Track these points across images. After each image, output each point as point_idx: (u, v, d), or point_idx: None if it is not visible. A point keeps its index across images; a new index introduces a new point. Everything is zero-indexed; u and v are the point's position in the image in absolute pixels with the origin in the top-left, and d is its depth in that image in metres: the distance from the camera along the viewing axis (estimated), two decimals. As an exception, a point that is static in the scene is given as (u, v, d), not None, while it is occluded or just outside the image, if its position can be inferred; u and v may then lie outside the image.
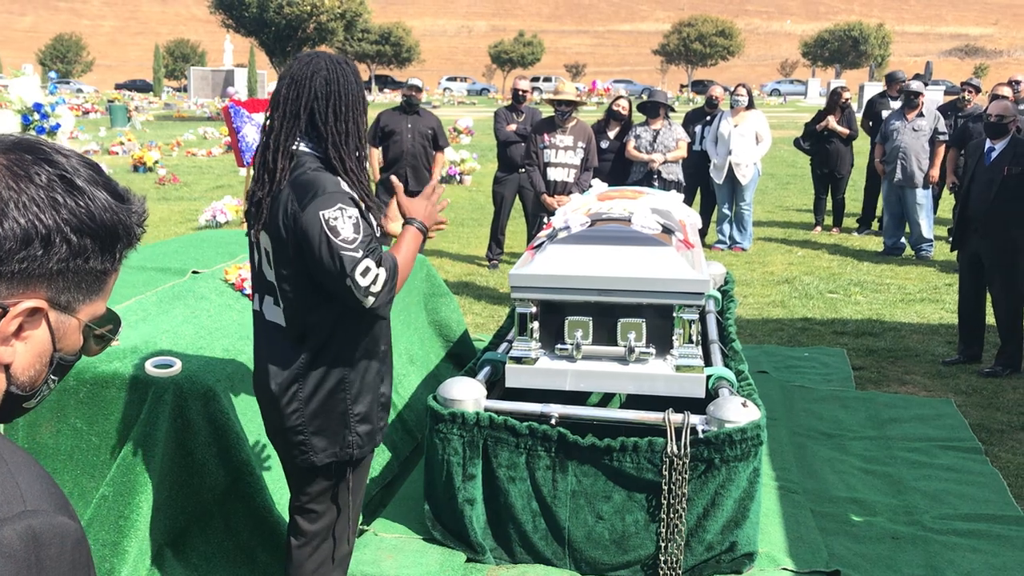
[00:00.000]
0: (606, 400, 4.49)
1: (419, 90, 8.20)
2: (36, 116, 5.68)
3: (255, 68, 47.25)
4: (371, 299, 2.33)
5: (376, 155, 8.06)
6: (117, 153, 19.89)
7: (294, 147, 2.37)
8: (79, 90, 56.81)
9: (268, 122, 2.42)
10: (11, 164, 0.90)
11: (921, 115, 9.21)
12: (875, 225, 10.62)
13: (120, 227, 0.95)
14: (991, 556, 3.51)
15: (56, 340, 0.95)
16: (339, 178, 2.37)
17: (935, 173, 8.99)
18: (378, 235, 2.49)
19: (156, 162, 17.01)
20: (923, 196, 9.21)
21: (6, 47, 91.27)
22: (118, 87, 67.19)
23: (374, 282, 2.32)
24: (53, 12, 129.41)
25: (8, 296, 0.89)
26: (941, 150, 8.99)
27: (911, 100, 9.25)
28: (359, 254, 2.29)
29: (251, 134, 6.04)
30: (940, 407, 5.12)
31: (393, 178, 2.84)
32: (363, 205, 2.40)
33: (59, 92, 5.86)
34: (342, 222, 2.29)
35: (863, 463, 4.38)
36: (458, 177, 15.74)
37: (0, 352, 0.90)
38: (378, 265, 2.33)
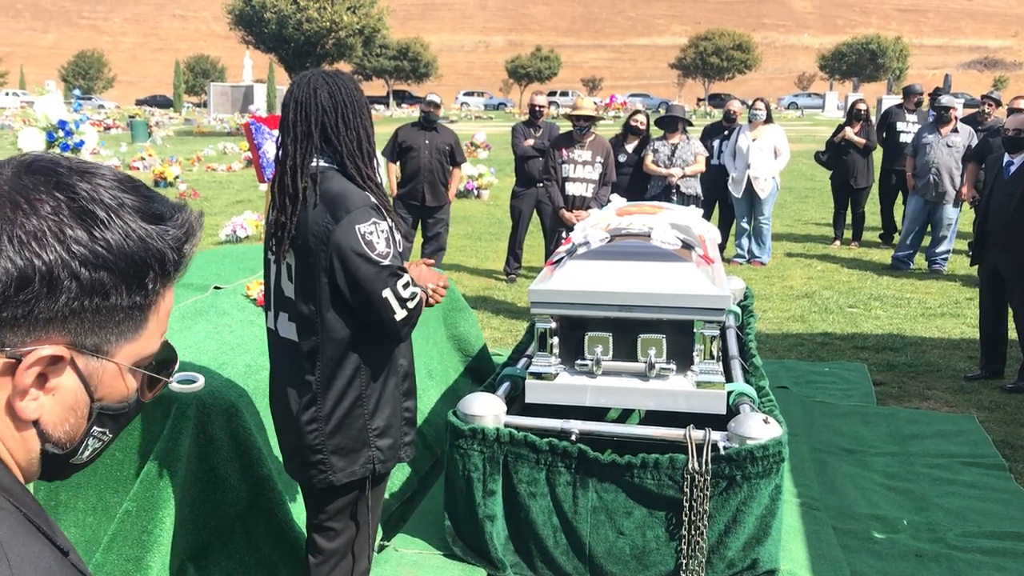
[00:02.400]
0: (625, 415, 4.48)
1: (437, 106, 8.24)
2: (61, 133, 5.76)
3: (274, 84, 47.63)
4: (404, 313, 2.36)
5: (394, 170, 8.10)
6: (138, 168, 20.07)
7: (312, 166, 2.40)
8: (100, 106, 57.43)
9: (281, 150, 2.45)
10: (13, 192, 0.80)
11: (955, 131, 9.11)
12: (896, 238, 10.57)
13: (150, 255, 0.83)
14: (1016, 575, 3.48)
15: (92, 389, 0.85)
16: (366, 192, 2.40)
17: (966, 191, 8.78)
18: (401, 250, 2.51)
19: (176, 177, 17.15)
20: (952, 212, 9.12)
21: (29, 63, 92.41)
22: (139, 103, 67.87)
23: (412, 297, 2.38)
24: (75, 29, 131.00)
25: (19, 344, 0.79)
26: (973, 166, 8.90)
27: (943, 115, 9.16)
28: (394, 266, 2.35)
29: (272, 150, 6.09)
30: (962, 423, 5.08)
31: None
32: (389, 220, 2.43)
33: (83, 109, 5.92)
34: (376, 236, 2.34)
35: (885, 479, 4.35)
36: (476, 191, 15.79)
37: (22, 407, 0.81)
38: (414, 283, 2.41)
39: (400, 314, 2.36)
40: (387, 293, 2.33)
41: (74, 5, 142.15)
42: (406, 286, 2.37)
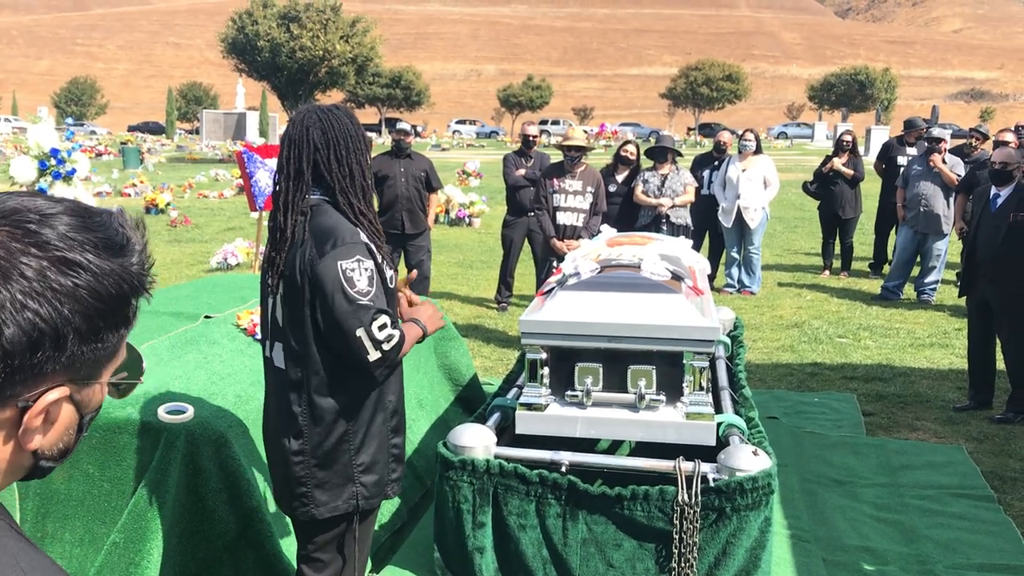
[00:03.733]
0: (615, 446, 4.48)
1: (407, 134, 8.24)
2: (53, 162, 5.76)
3: (267, 111, 47.81)
4: (378, 354, 2.33)
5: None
6: (130, 195, 20.08)
7: (304, 203, 2.41)
8: (93, 132, 57.49)
9: (276, 187, 2.47)
10: None
11: (944, 162, 9.21)
12: (886, 269, 10.63)
13: (127, 288, 0.88)
14: (1006, 607, 3.47)
15: (82, 409, 0.92)
16: (358, 228, 2.41)
17: (958, 225, 8.77)
18: (392, 286, 2.52)
19: (168, 204, 17.17)
20: (942, 243, 9.19)
21: (23, 89, 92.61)
22: (131, 129, 68.03)
23: (388, 340, 2.34)
24: (69, 56, 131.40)
25: (27, 393, 0.85)
26: (961, 198, 8.96)
27: (933, 147, 9.25)
28: (373, 306, 2.33)
29: (264, 179, 6.12)
30: (952, 454, 5.10)
31: (405, 292, 2.76)
32: (379, 258, 2.44)
33: (75, 137, 5.96)
34: (358, 274, 2.33)
35: (875, 511, 4.35)
36: (467, 219, 15.84)
37: (28, 444, 0.87)
38: (393, 326, 2.37)
39: (373, 355, 2.33)
40: (360, 332, 2.31)
41: (68, 32, 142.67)
42: (382, 327, 2.33)
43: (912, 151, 10.38)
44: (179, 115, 65.48)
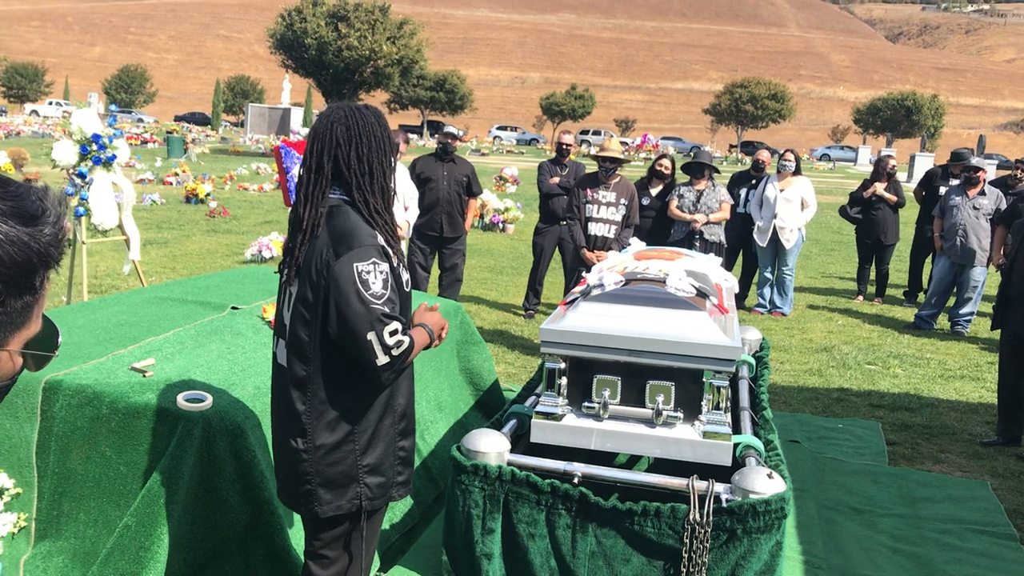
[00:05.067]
0: (633, 460, 4.45)
1: (455, 138, 8.29)
2: (94, 147, 5.86)
3: (311, 107, 48.28)
4: (387, 359, 2.33)
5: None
6: (171, 184, 20.37)
7: (324, 199, 2.43)
8: (140, 120, 58.40)
9: (299, 178, 2.50)
10: None
11: (983, 193, 9.07)
12: (921, 297, 10.47)
13: (34, 256, 0.88)
14: (1020, 649, 3.41)
15: None
16: (375, 231, 2.42)
17: (997, 255, 8.64)
18: (407, 288, 2.53)
19: (208, 194, 17.38)
20: (980, 274, 9.05)
21: (75, 75, 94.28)
22: (177, 119, 68.97)
23: (397, 345, 2.34)
24: (121, 44, 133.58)
25: None
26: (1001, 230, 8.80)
27: (971, 178, 9.12)
28: (387, 309, 2.33)
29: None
30: (975, 489, 5.01)
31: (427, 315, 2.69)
32: (395, 260, 2.44)
33: (118, 124, 6.03)
34: (373, 276, 2.33)
35: (892, 542, 4.29)
36: (501, 225, 15.86)
37: None
38: (404, 331, 2.37)
39: (382, 359, 2.33)
40: (372, 336, 2.31)
41: (122, 21, 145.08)
42: (393, 333, 2.33)
43: (955, 182, 10.24)
44: (225, 107, 66.33)
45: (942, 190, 10.22)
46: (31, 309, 0.91)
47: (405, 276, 2.52)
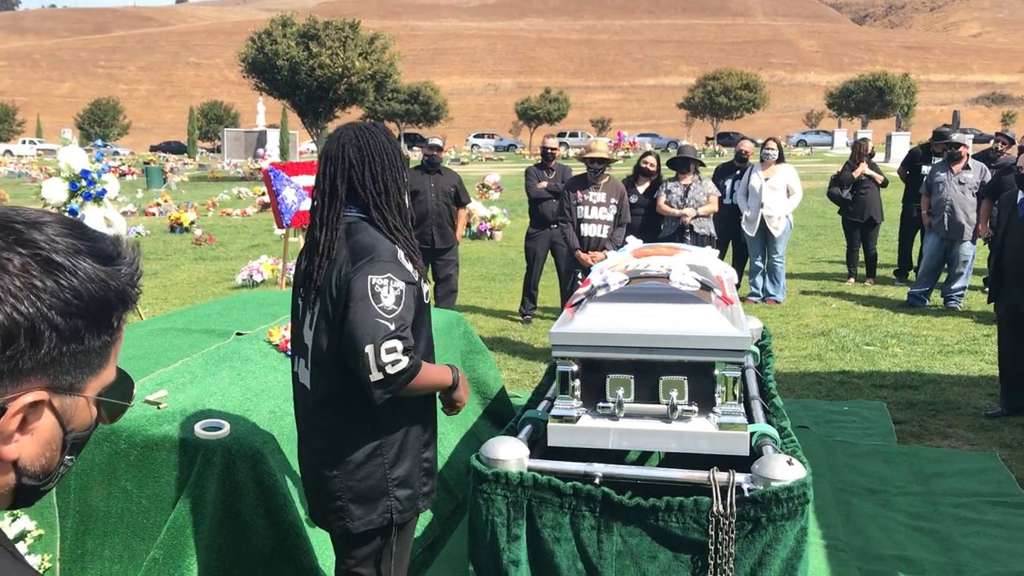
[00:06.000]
0: (644, 457, 4.47)
1: (440, 149, 8.34)
2: (83, 183, 5.84)
3: (287, 129, 48.16)
4: (379, 376, 2.27)
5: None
6: (154, 214, 20.29)
7: (340, 221, 2.44)
8: (115, 152, 58.13)
9: (313, 201, 2.51)
10: None
11: (967, 167, 9.16)
12: (912, 276, 10.55)
13: (112, 295, 0.88)
14: (1047, 616, 3.44)
15: (65, 423, 0.89)
16: (397, 248, 2.43)
17: (982, 228, 8.76)
18: (427, 301, 2.54)
19: (192, 222, 17.32)
20: (969, 249, 9.13)
21: (46, 112, 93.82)
22: (153, 149, 68.70)
23: (393, 364, 2.27)
24: (91, 78, 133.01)
25: (3, 395, 0.83)
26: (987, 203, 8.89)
27: (954, 154, 9.21)
28: (392, 327, 2.29)
29: (290, 196, 6.17)
30: (985, 461, 5.05)
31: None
32: (415, 275, 2.45)
33: (104, 159, 6.04)
34: (387, 291, 2.32)
35: (909, 519, 4.32)
36: (488, 233, 15.87)
37: (5, 450, 0.85)
38: (405, 352, 2.29)
39: (375, 375, 2.26)
40: (369, 349, 2.25)
41: (90, 55, 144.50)
42: (391, 351, 2.26)
43: (936, 160, 10.34)
44: (200, 134, 66.08)
45: (925, 169, 10.31)
46: (108, 350, 0.91)
47: (426, 288, 2.53)
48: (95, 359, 0.89)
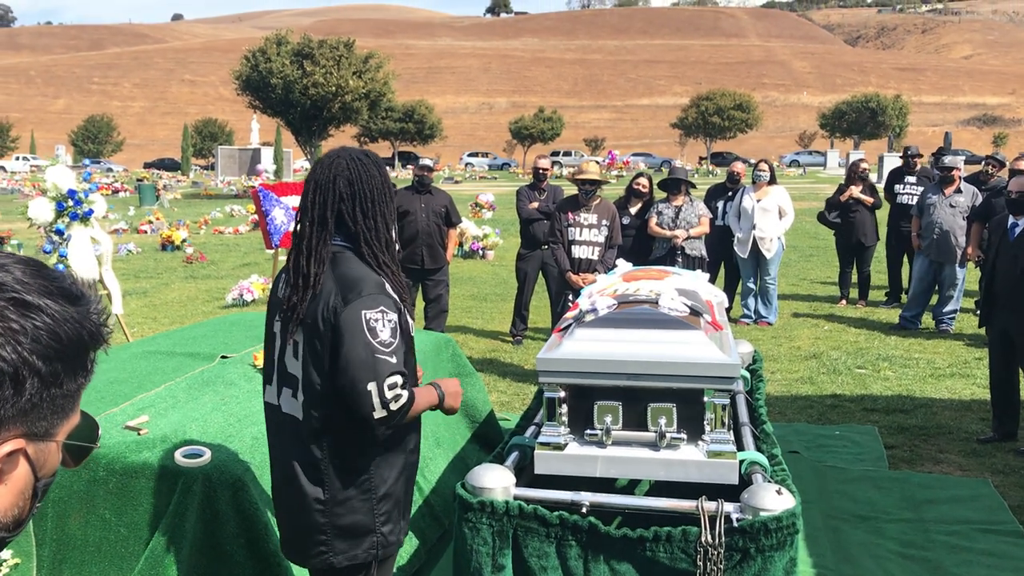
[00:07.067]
0: (632, 484, 4.42)
1: (431, 169, 8.33)
2: (70, 203, 5.80)
3: (281, 146, 48.20)
4: (383, 413, 2.26)
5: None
6: (146, 232, 20.23)
7: (326, 249, 2.40)
8: (109, 169, 58.09)
9: (299, 227, 2.45)
10: None
11: (959, 191, 9.17)
12: (903, 298, 10.54)
13: (86, 335, 0.85)
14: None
15: (37, 470, 0.86)
16: (382, 279, 2.39)
17: (971, 251, 8.77)
18: (412, 333, 2.50)
19: (184, 240, 17.27)
20: (959, 272, 9.13)
21: (40, 128, 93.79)
22: (147, 166, 68.66)
23: (395, 399, 2.28)
24: (86, 94, 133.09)
25: None
26: (977, 227, 8.89)
27: (947, 176, 9.23)
28: (393, 360, 2.28)
29: (279, 217, 6.13)
30: (977, 487, 5.01)
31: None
32: (402, 308, 2.41)
33: (93, 177, 6.00)
34: (381, 324, 2.29)
35: (900, 547, 4.28)
36: (481, 252, 15.85)
37: None
38: (403, 387, 2.30)
39: (379, 412, 2.26)
40: (371, 387, 2.24)
41: (85, 71, 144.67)
42: (392, 387, 2.26)
43: (910, 179, 10.43)
44: (194, 151, 66.08)
45: (896, 187, 10.43)
46: (79, 394, 0.89)
47: (411, 322, 2.49)
48: (69, 403, 0.87)
